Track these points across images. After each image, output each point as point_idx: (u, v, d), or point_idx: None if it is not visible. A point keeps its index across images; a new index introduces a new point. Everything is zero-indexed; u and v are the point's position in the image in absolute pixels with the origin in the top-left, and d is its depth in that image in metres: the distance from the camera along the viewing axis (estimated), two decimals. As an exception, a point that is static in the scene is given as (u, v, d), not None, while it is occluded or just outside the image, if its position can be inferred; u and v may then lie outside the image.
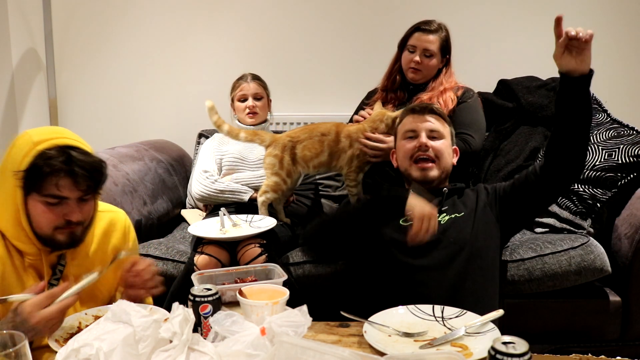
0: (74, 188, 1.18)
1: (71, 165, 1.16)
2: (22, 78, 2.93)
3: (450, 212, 1.58)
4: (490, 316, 1.19)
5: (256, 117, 2.28)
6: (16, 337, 0.88)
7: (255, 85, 2.30)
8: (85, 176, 1.18)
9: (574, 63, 1.42)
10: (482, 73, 2.67)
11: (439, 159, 1.62)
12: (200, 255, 1.77)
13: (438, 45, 2.10)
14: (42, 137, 1.18)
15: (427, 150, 1.61)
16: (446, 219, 1.56)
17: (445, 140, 1.65)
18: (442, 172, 1.63)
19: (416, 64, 2.09)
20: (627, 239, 1.87)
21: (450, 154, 1.67)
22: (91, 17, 2.87)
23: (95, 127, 2.94)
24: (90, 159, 1.20)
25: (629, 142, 1.96)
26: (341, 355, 0.89)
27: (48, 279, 1.24)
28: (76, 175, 1.16)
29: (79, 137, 1.24)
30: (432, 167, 1.61)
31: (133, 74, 2.90)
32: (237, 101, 2.31)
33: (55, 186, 1.16)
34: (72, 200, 1.19)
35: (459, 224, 1.54)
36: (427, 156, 1.61)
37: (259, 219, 1.90)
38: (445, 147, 1.64)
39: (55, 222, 1.19)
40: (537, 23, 2.70)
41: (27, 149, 1.16)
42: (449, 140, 1.67)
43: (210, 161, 2.22)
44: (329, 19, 2.78)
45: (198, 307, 1.11)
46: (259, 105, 2.29)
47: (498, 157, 2.39)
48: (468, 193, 1.65)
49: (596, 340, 1.91)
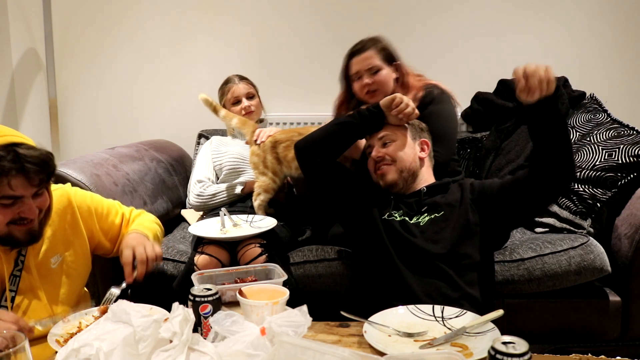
0: (27, 185, 1.16)
1: (21, 162, 1.13)
2: (22, 78, 2.93)
3: (431, 211, 1.57)
4: (490, 316, 1.19)
5: (252, 115, 2.29)
6: (16, 337, 0.88)
7: (245, 85, 2.31)
8: (37, 171, 1.16)
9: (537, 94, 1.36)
10: (482, 73, 2.67)
11: (395, 160, 1.63)
12: (200, 255, 1.77)
13: (379, 56, 1.95)
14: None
15: (382, 161, 1.64)
16: (425, 220, 1.56)
17: (398, 141, 1.65)
18: (402, 172, 1.63)
19: (368, 85, 1.94)
20: (627, 239, 1.87)
21: (410, 152, 1.65)
22: (91, 17, 2.87)
23: (95, 127, 2.94)
24: (38, 152, 1.17)
25: (629, 142, 1.96)
26: (341, 355, 0.89)
27: (10, 272, 1.23)
28: (28, 172, 1.14)
29: (18, 132, 1.21)
30: (389, 170, 1.63)
31: (133, 74, 2.90)
32: (230, 105, 2.30)
33: (8, 186, 1.13)
34: (26, 197, 1.17)
35: (438, 224, 1.53)
36: (384, 164, 1.64)
37: (260, 219, 1.90)
38: (397, 148, 1.64)
39: (8, 219, 1.17)
40: (537, 23, 2.71)
41: None
42: (405, 137, 1.66)
43: (205, 169, 2.21)
44: (327, 19, 2.78)
45: (198, 307, 1.12)
46: (254, 103, 2.30)
47: (499, 157, 2.39)
48: (453, 189, 1.63)
49: (596, 340, 1.91)
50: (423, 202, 1.60)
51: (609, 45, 2.69)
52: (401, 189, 1.64)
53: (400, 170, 1.62)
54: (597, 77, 2.66)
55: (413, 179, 1.64)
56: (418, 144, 1.68)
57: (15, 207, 1.17)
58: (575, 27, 2.70)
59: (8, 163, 1.12)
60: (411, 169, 1.64)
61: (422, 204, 1.60)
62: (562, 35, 2.70)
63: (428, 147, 1.69)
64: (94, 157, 2.08)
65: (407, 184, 1.64)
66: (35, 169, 1.15)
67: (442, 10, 2.73)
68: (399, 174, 1.62)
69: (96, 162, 2.04)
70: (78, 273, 1.38)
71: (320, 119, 2.72)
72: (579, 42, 2.69)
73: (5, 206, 1.16)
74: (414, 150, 1.66)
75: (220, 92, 2.37)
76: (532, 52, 2.70)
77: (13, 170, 1.12)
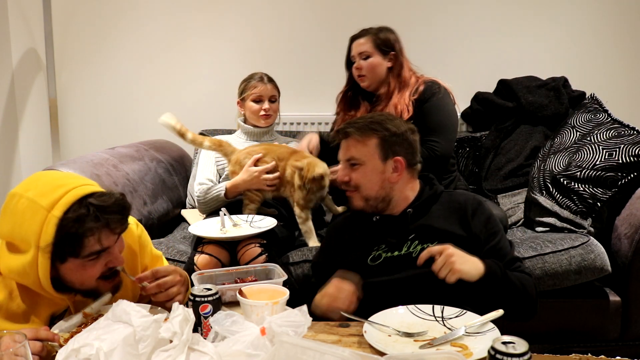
0: (111, 235, 1.12)
1: (103, 215, 1.08)
2: (22, 78, 2.93)
3: (421, 239, 1.40)
4: (490, 316, 1.19)
5: (270, 119, 2.25)
6: (16, 337, 0.88)
7: (272, 88, 2.25)
8: (119, 220, 1.11)
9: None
10: (482, 73, 2.67)
11: (358, 187, 1.46)
12: (200, 255, 1.77)
13: (371, 44, 2.07)
14: (47, 199, 1.07)
15: (347, 184, 1.48)
16: (418, 249, 1.38)
17: (365, 165, 1.45)
18: (368, 200, 1.46)
19: (358, 70, 2.09)
20: (627, 239, 1.87)
21: (376, 178, 1.44)
22: (91, 17, 2.87)
23: (95, 127, 2.94)
24: (114, 199, 1.11)
25: (629, 142, 1.96)
26: (341, 355, 0.89)
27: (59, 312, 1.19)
28: (110, 223, 1.10)
29: (73, 174, 1.17)
30: (354, 196, 1.47)
31: (133, 74, 2.90)
32: (250, 101, 2.23)
33: (96, 242, 1.09)
34: (111, 247, 1.13)
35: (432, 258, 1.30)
36: (348, 187, 1.49)
37: (260, 219, 1.90)
38: (361, 175, 1.45)
39: (99, 274, 1.13)
40: (537, 23, 2.71)
41: (40, 218, 1.06)
42: (374, 159, 1.44)
43: (207, 170, 2.17)
44: (327, 19, 2.78)
45: (198, 307, 1.12)
46: (273, 107, 2.25)
47: (499, 156, 2.39)
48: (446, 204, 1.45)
49: (596, 340, 1.91)
50: (410, 227, 1.42)
51: (609, 45, 2.69)
52: (375, 210, 1.48)
53: (366, 198, 1.45)
54: (597, 77, 2.66)
55: (385, 203, 1.46)
56: (390, 164, 1.45)
57: (102, 259, 1.13)
58: (575, 27, 2.70)
59: (92, 222, 1.07)
60: (379, 196, 1.45)
61: (410, 230, 1.42)
62: (562, 35, 2.70)
63: (402, 165, 1.45)
64: (94, 157, 2.09)
65: (378, 209, 1.47)
66: (117, 217, 1.11)
67: (442, 10, 2.73)
68: (365, 202, 1.46)
69: (96, 162, 2.04)
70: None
71: (320, 118, 2.72)
72: (579, 42, 2.69)
73: (93, 261, 1.11)
74: (382, 175, 1.44)
75: (243, 85, 2.28)
76: (532, 52, 2.70)
77: (99, 227, 1.08)
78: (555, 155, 2.13)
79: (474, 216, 1.43)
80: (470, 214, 1.43)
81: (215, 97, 2.82)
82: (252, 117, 2.25)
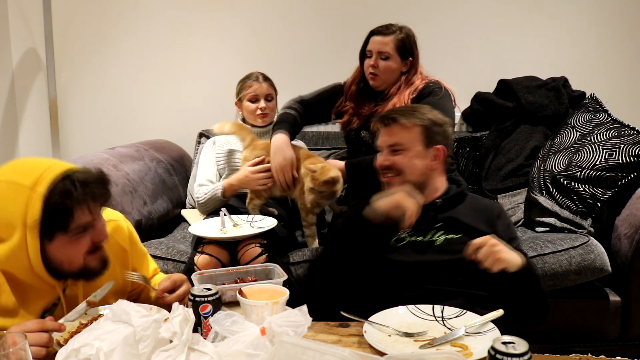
0: (97, 208, 1.14)
1: (88, 187, 1.11)
2: (22, 78, 2.93)
3: (447, 229, 1.45)
4: (490, 316, 1.19)
5: (267, 117, 2.24)
6: (16, 337, 0.88)
7: (268, 86, 2.25)
8: (102, 192, 1.14)
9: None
10: (482, 73, 2.67)
11: (401, 173, 1.48)
12: (200, 255, 1.77)
13: (393, 46, 1.99)
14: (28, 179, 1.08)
15: (389, 169, 1.51)
16: (442, 239, 1.43)
17: (409, 150, 1.48)
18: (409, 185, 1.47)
19: (373, 68, 2.01)
20: (627, 239, 1.87)
21: (420, 163, 1.48)
22: (91, 17, 2.87)
23: (95, 127, 2.94)
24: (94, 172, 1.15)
25: (629, 142, 1.96)
26: (341, 355, 0.89)
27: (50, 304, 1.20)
28: (96, 194, 1.12)
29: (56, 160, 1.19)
30: (395, 183, 1.48)
31: (133, 74, 2.90)
32: (246, 101, 2.24)
33: (83, 216, 1.11)
34: (95, 221, 1.15)
35: (456, 246, 1.39)
36: (390, 172, 1.51)
37: (260, 219, 1.90)
38: (406, 159, 1.48)
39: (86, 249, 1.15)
40: (537, 23, 2.71)
41: (24, 197, 1.07)
42: (418, 145, 1.48)
43: (207, 171, 2.17)
44: (327, 19, 2.78)
45: (198, 307, 1.11)
46: (270, 106, 2.25)
47: (499, 156, 2.39)
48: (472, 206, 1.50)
49: (596, 340, 1.91)
50: (438, 217, 1.47)
51: (609, 45, 2.69)
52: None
53: (407, 182, 1.48)
54: (597, 77, 2.66)
55: (421, 189, 1.47)
56: (431, 151, 1.50)
57: (88, 234, 1.14)
58: (575, 27, 2.70)
59: (80, 194, 1.09)
60: (419, 181, 1.48)
61: (437, 219, 1.47)
62: (562, 35, 2.70)
63: (443, 153, 1.51)
64: (94, 157, 2.09)
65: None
66: (101, 188, 1.13)
67: (443, 10, 2.73)
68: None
69: (96, 162, 2.04)
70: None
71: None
72: (579, 42, 2.69)
73: (80, 236, 1.13)
74: (424, 161, 1.49)
75: (239, 85, 2.29)
76: (532, 52, 2.70)
77: (87, 199, 1.10)
78: (555, 156, 2.13)
79: (498, 218, 1.50)
80: (496, 216, 1.50)
81: (215, 97, 2.82)
82: (250, 117, 2.25)
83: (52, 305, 1.20)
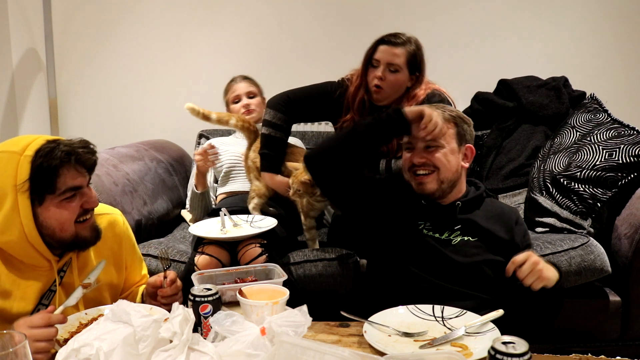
0: (84, 172, 1.18)
1: (73, 150, 1.15)
2: (22, 78, 2.93)
3: (465, 232, 1.45)
4: (490, 316, 1.19)
5: (254, 113, 2.27)
6: (16, 337, 0.88)
7: (246, 84, 2.31)
8: (87, 154, 1.18)
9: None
10: (482, 73, 2.67)
11: (438, 169, 1.46)
12: (200, 255, 1.77)
13: (404, 59, 1.87)
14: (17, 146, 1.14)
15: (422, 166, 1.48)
16: (458, 240, 1.44)
17: (444, 148, 1.46)
18: (442, 183, 1.46)
19: (379, 80, 1.87)
20: (627, 239, 1.87)
21: (455, 161, 1.48)
22: (91, 17, 2.87)
23: (95, 127, 2.94)
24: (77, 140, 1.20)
25: (629, 142, 1.96)
26: (341, 355, 0.89)
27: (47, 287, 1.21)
28: (81, 158, 1.16)
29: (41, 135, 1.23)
30: (428, 179, 1.46)
31: (133, 74, 2.90)
32: (231, 104, 2.31)
33: (70, 177, 1.15)
34: (84, 186, 1.19)
35: (471, 249, 1.42)
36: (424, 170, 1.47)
37: (260, 219, 1.90)
38: (442, 156, 1.46)
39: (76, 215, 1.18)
40: (537, 23, 2.71)
41: (14, 162, 1.12)
42: (451, 144, 1.48)
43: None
44: (327, 20, 2.78)
45: (198, 307, 1.12)
46: (254, 102, 2.29)
47: (500, 155, 2.39)
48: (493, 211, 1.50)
49: (596, 340, 1.91)
50: (458, 219, 1.47)
51: (609, 45, 2.69)
52: (437, 198, 1.49)
53: (442, 180, 1.46)
54: (597, 77, 2.66)
55: (451, 189, 1.49)
56: (463, 151, 1.50)
57: (77, 199, 1.18)
58: (575, 27, 2.70)
59: (62, 154, 1.13)
60: (452, 179, 1.48)
61: (456, 221, 1.47)
62: (562, 35, 2.70)
63: (472, 153, 1.52)
64: (94, 157, 2.08)
65: (444, 194, 1.49)
66: (85, 151, 1.17)
67: (443, 10, 2.73)
68: (439, 185, 1.46)
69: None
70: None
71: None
72: (579, 42, 2.69)
73: (69, 200, 1.16)
74: (458, 159, 1.48)
75: (224, 93, 2.38)
76: (532, 52, 2.70)
77: (71, 159, 1.14)
78: (555, 156, 2.13)
79: (516, 224, 1.50)
80: (514, 222, 1.50)
81: (214, 97, 2.80)
82: None
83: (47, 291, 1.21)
